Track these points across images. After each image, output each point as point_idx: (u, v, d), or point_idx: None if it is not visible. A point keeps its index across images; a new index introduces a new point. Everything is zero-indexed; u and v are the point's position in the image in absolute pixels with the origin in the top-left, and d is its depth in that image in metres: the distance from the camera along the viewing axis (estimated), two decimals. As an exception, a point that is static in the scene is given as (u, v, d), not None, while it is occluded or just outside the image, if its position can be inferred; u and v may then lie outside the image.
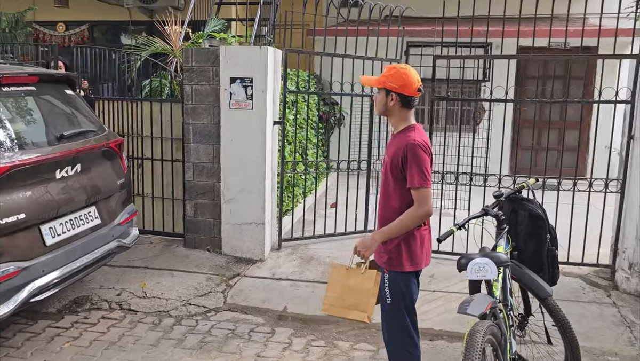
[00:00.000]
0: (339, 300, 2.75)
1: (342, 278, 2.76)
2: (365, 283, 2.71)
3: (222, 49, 5.02)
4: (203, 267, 5.14)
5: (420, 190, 2.64)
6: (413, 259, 2.76)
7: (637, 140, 4.71)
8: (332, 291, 2.79)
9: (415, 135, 2.70)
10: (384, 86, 2.76)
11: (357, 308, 2.72)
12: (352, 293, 2.71)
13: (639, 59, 4.68)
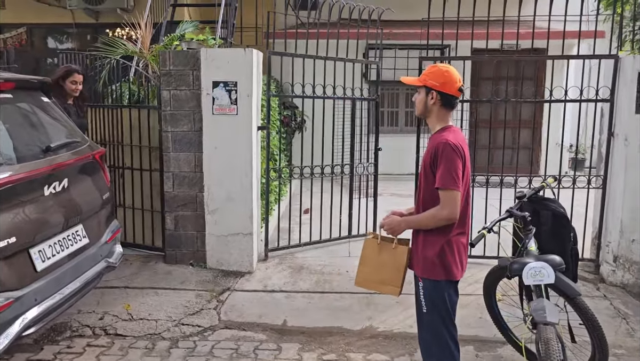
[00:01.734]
0: (372, 274, 2.81)
1: (375, 253, 2.80)
2: (397, 259, 2.74)
3: (204, 52, 4.75)
4: (189, 283, 4.84)
5: (445, 191, 2.55)
6: (447, 268, 2.67)
7: (617, 137, 4.87)
8: (365, 265, 2.83)
9: (449, 135, 2.62)
10: (424, 84, 2.68)
11: (390, 283, 2.76)
12: (385, 268, 2.75)
13: (616, 59, 4.84)
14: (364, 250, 2.86)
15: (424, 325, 2.76)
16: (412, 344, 3.94)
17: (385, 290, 2.81)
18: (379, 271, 2.77)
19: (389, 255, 2.75)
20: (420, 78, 2.73)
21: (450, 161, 2.54)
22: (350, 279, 5.04)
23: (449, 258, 2.64)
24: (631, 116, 4.68)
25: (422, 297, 2.69)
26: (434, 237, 2.65)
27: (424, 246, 2.69)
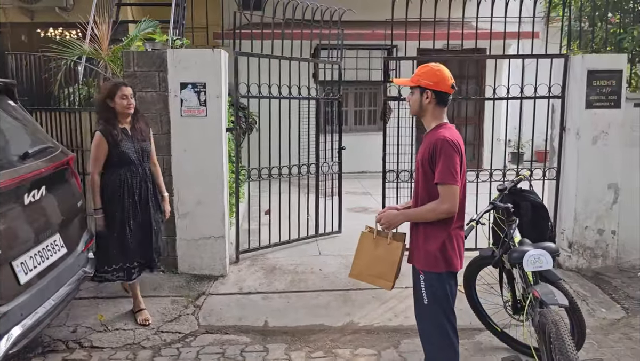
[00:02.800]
0: (367, 268, 2.89)
1: (370, 247, 2.87)
2: (392, 254, 2.83)
3: (170, 52, 4.64)
4: (162, 290, 4.72)
5: (445, 186, 2.65)
6: (448, 260, 2.77)
7: (568, 131, 5.20)
8: (360, 258, 2.91)
9: (445, 132, 2.72)
10: (418, 84, 2.75)
11: (384, 277, 2.84)
12: (379, 262, 2.83)
13: (566, 58, 5.17)
14: (359, 244, 2.93)
15: (425, 316, 2.84)
16: (394, 337, 4.05)
17: (378, 283, 2.88)
18: (373, 265, 2.85)
19: (383, 250, 2.83)
20: (412, 79, 2.80)
21: (448, 157, 2.63)
22: (324, 277, 5.10)
23: (449, 251, 2.74)
24: (582, 111, 5.01)
25: (424, 289, 2.77)
26: (436, 231, 2.73)
27: (425, 240, 2.76)
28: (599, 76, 4.94)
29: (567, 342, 2.29)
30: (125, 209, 3.86)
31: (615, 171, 5.09)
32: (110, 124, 3.79)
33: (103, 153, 3.75)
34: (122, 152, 3.79)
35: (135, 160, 3.87)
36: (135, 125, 3.94)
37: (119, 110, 3.83)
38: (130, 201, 3.86)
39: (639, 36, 5.19)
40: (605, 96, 4.97)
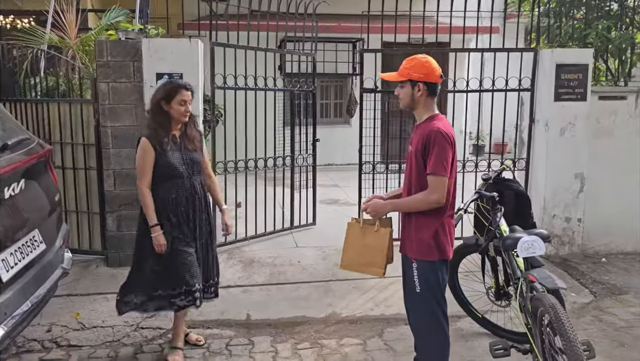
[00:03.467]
0: (357, 257, 2.91)
1: (358, 237, 2.89)
2: (380, 241, 2.86)
3: (145, 42, 4.51)
4: (139, 285, 4.60)
5: (435, 177, 2.68)
6: (441, 248, 2.82)
7: (537, 123, 5.38)
8: (349, 249, 2.92)
9: (439, 124, 2.75)
10: (409, 78, 2.75)
11: (374, 264, 2.87)
12: (368, 251, 2.86)
13: (535, 52, 5.33)
14: (347, 234, 2.95)
15: (417, 304, 2.88)
16: (378, 326, 4.09)
17: (369, 271, 2.92)
18: (363, 254, 2.87)
19: (371, 238, 2.86)
20: (402, 73, 2.78)
21: (441, 149, 2.66)
22: (303, 269, 5.10)
23: (442, 239, 2.79)
24: (550, 103, 5.19)
25: (416, 277, 2.81)
26: (428, 220, 2.77)
27: (418, 229, 2.80)
28: (567, 69, 5.12)
29: (567, 324, 2.38)
30: (169, 229, 3.30)
31: (581, 162, 5.30)
32: (162, 130, 3.24)
33: (150, 162, 3.20)
34: (169, 164, 3.23)
35: (183, 172, 3.29)
36: (186, 132, 3.36)
37: (173, 116, 3.26)
38: (175, 221, 3.29)
39: (602, 32, 5.40)
40: (573, 89, 5.16)
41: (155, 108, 3.26)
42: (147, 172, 3.22)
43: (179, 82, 3.34)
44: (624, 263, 5.43)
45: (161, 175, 3.25)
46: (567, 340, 2.33)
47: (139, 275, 3.42)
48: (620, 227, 5.56)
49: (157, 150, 3.22)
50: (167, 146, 3.23)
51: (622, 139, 5.45)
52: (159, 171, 3.24)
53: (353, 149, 10.57)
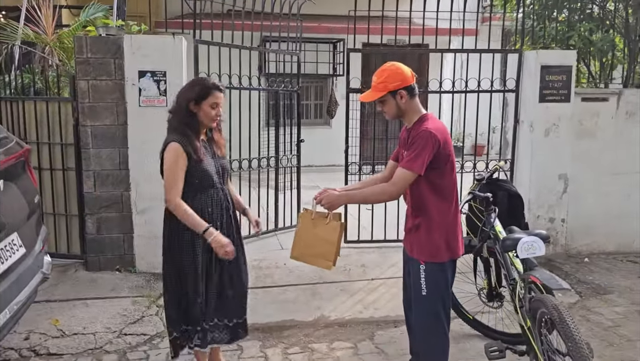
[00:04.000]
0: (307, 248, 2.84)
1: (309, 228, 2.83)
2: (331, 234, 2.79)
3: (128, 39, 4.37)
4: (121, 290, 4.45)
5: (404, 171, 2.62)
6: (452, 248, 2.76)
7: (522, 124, 5.40)
8: (300, 239, 2.87)
9: (429, 124, 2.68)
10: (387, 90, 2.68)
11: (323, 256, 2.81)
12: (319, 242, 2.80)
13: (520, 53, 5.36)
14: (298, 224, 2.90)
15: (422, 306, 2.80)
16: (368, 329, 4.04)
17: (318, 263, 2.86)
18: (313, 245, 2.82)
19: (322, 230, 2.80)
20: (378, 88, 2.70)
21: (421, 147, 2.58)
22: (290, 272, 5.02)
23: (452, 240, 2.74)
24: (535, 105, 5.21)
25: (423, 280, 2.73)
26: (440, 221, 2.71)
27: (430, 231, 2.72)
28: (551, 70, 5.15)
29: (571, 326, 2.36)
30: (198, 257, 2.87)
31: (565, 162, 5.34)
32: (191, 133, 2.81)
33: (183, 171, 2.75)
34: (204, 172, 2.81)
35: (217, 183, 2.89)
36: (213, 137, 2.98)
37: (202, 120, 2.84)
38: (207, 244, 2.83)
39: (584, 34, 5.46)
40: (557, 90, 5.19)
41: (183, 109, 2.82)
42: (180, 182, 2.76)
43: (213, 81, 2.88)
44: (606, 262, 5.50)
45: (194, 186, 2.81)
46: (572, 342, 2.31)
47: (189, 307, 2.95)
48: (601, 227, 5.62)
49: (192, 157, 2.77)
50: (201, 152, 2.81)
51: (604, 141, 5.51)
52: (191, 182, 2.80)
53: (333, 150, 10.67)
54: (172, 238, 2.91)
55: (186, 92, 2.86)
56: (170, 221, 2.90)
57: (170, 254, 2.94)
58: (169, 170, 2.78)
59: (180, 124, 2.82)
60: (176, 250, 2.89)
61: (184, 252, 2.87)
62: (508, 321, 3.86)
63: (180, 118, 2.83)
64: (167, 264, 2.96)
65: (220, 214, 2.91)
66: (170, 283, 2.96)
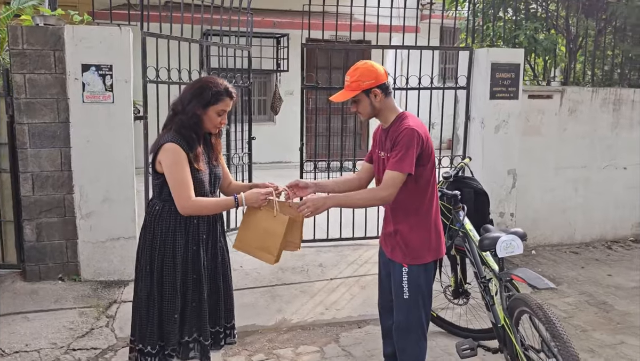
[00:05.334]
0: (252, 240, 2.71)
1: (256, 219, 2.69)
2: (277, 228, 2.65)
3: (69, 29, 4.03)
4: (65, 301, 4.13)
5: (393, 173, 2.54)
6: (435, 248, 2.71)
7: (473, 120, 5.50)
8: (245, 229, 2.73)
9: (410, 122, 2.63)
10: (361, 90, 2.59)
11: (267, 250, 2.70)
12: (263, 235, 2.68)
13: (471, 51, 5.43)
14: (245, 215, 2.73)
15: (404, 309, 2.73)
16: (332, 331, 3.96)
17: (261, 256, 2.72)
18: (258, 237, 2.69)
19: (269, 223, 2.66)
20: (351, 87, 2.61)
21: (409, 147, 2.52)
22: (246, 274, 4.85)
23: (435, 240, 2.69)
24: (486, 101, 5.31)
25: (406, 283, 2.66)
26: (422, 222, 2.66)
27: (413, 232, 2.66)
28: (501, 68, 5.26)
29: (558, 325, 2.37)
30: (188, 264, 2.64)
31: (514, 158, 5.48)
32: (195, 139, 2.55)
33: (188, 171, 2.52)
34: (199, 182, 2.57)
35: (208, 192, 2.65)
36: (211, 143, 2.73)
37: (205, 125, 2.60)
38: (195, 249, 2.64)
39: (530, 33, 5.62)
40: (506, 87, 5.31)
41: (189, 111, 2.54)
42: (189, 181, 2.51)
43: (226, 85, 2.60)
44: (551, 254, 5.71)
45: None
46: (560, 341, 2.32)
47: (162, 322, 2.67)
48: (547, 220, 5.84)
49: (190, 160, 2.53)
50: (201, 162, 2.58)
51: (549, 137, 5.71)
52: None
53: (278, 147, 10.53)
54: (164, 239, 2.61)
55: (195, 93, 2.56)
56: (159, 226, 2.61)
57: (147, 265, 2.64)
58: (175, 172, 2.50)
59: (184, 127, 2.54)
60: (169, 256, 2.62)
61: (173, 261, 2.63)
62: (467, 317, 3.90)
63: (184, 121, 2.54)
64: (148, 276, 2.65)
65: (207, 225, 2.69)
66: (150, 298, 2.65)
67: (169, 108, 2.71)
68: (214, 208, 2.63)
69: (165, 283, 2.63)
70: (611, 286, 4.87)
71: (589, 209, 6.06)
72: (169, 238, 2.60)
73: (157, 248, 2.61)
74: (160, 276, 2.63)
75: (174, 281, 2.63)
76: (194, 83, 2.67)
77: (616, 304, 4.49)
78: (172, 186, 2.51)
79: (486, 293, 3.04)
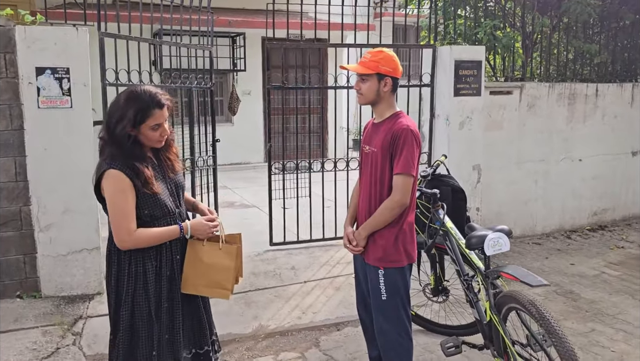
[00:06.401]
0: (200, 278, 2.44)
1: (200, 255, 2.43)
2: (225, 260, 2.46)
3: (21, 30, 3.77)
4: (26, 320, 3.88)
5: (403, 176, 2.57)
6: (409, 253, 2.72)
7: (438, 117, 5.54)
8: (191, 268, 2.44)
9: (407, 121, 2.65)
10: (377, 71, 2.59)
11: (219, 285, 2.46)
12: (213, 270, 2.43)
13: (434, 49, 5.47)
14: (188, 253, 2.44)
15: (383, 311, 2.73)
16: (311, 335, 3.90)
17: (214, 294, 2.48)
18: (206, 274, 2.43)
19: (216, 256, 2.45)
20: (369, 65, 2.61)
21: (411, 148, 2.56)
22: (217, 281, 4.70)
23: (409, 243, 2.68)
24: (450, 99, 5.36)
25: (383, 285, 2.66)
26: (399, 225, 2.65)
27: (382, 236, 2.66)
28: (464, 65, 5.33)
29: (552, 320, 2.39)
30: (156, 288, 2.37)
31: (478, 154, 5.56)
32: (138, 163, 2.26)
33: (133, 201, 2.24)
34: (156, 202, 2.30)
35: (172, 209, 2.38)
36: (165, 151, 2.43)
37: (146, 143, 2.31)
38: (169, 274, 2.39)
39: (490, 31, 5.72)
40: (469, 84, 5.38)
41: (119, 137, 2.22)
42: (131, 214, 2.24)
43: (151, 95, 2.26)
44: (516, 246, 5.83)
45: (142, 219, 2.29)
46: (556, 337, 2.34)
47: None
48: (510, 213, 5.97)
49: (138, 186, 2.24)
50: (154, 184, 2.28)
51: (510, 131, 5.84)
52: (139, 214, 2.28)
53: (237, 148, 10.35)
54: (134, 272, 2.33)
55: (118, 115, 2.23)
56: (125, 254, 2.32)
57: (121, 301, 2.36)
58: (116, 202, 2.22)
59: (120, 155, 2.23)
60: (140, 287, 2.35)
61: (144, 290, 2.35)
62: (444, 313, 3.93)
63: (116, 152, 2.24)
64: (124, 311, 2.36)
65: (180, 243, 2.41)
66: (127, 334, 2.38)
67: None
68: (155, 240, 2.30)
69: (137, 319, 2.34)
70: (575, 275, 5.03)
71: (548, 201, 6.24)
72: (138, 267, 2.32)
73: (125, 279, 2.32)
74: (131, 313, 2.34)
75: (149, 314, 2.35)
76: (115, 102, 2.31)
77: (582, 292, 4.63)
78: (111, 216, 2.24)
79: (469, 291, 3.06)
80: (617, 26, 6.78)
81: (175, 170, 2.45)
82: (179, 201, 2.45)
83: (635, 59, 7.03)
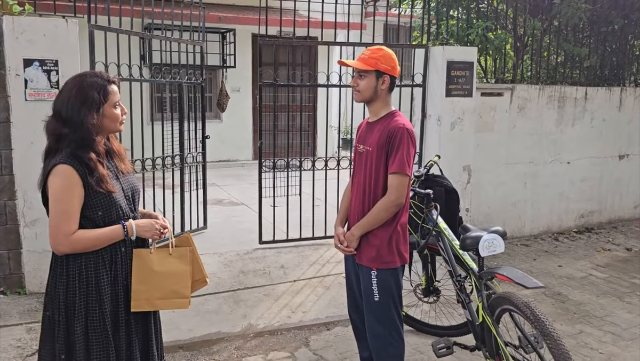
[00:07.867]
0: (154, 290, 2.20)
1: (150, 264, 2.21)
2: (180, 265, 2.25)
3: (8, 20, 3.69)
4: (9, 317, 3.80)
5: (399, 175, 2.56)
6: (402, 254, 2.70)
7: (429, 118, 5.54)
8: (140, 283, 2.19)
9: (402, 121, 2.64)
10: (376, 68, 2.58)
11: (177, 295, 2.24)
12: (167, 279, 2.22)
13: (426, 49, 5.47)
14: (135, 266, 2.20)
15: (375, 311, 2.71)
16: (301, 335, 3.87)
17: (173, 305, 2.27)
18: (160, 284, 2.21)
19: (167, 264, 2.24)
20: (368, 62, 2.60)
21: (407, 147, 2.55)
22: (206, 279, 4.65)
23: (402, 245, 2.67)
24: (442, 99, 5.36)
25: (375, 286, 2.65)
26: (392, 227, 2.64)
27: (376, 236, 2.64)
28: (456, 66, 5.33)
29: (547, 323, 2.39)
30: (112, 298, 2.15)
31: (468, 155, 5.57)
32: (92, 157, 2.05)
33: (80, 203, 2.03)
34: (110, 202, 2.10)
35: (127, 212, 2.18)
36: (112, 147, 2.23)
37: (108, 127, 2.14)
38: (126, 284, 2.18)
39: (482, 32, 5.73)
40: (461, 85, 5.39)
41: (84, 124, 2.02)
42: (74, 217, 2.01)
43: (101, 73, 2.13)
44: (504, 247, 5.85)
45: (95, 221, 2.08)
46: (551, 339, 2.34)
47: None
48: (499, 214, 5.99)
49: (90, 184, 2.03)
50: (105, 180, 2.07)
51: (500, 133, 5.86)
52: (91, 216, 2.07)
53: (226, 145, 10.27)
54: (86, 279, 2.09)
55: (81, 100, 2.03)
56: (75, 263, 2.08)
57: (74, 316, 2.09)
58: (59, 201, 1.99)
59: (81, 147, 2.03)
60: (93, 294, 2.10)
61: (98, 298, 2.10)
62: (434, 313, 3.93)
63: (79, 140, 2.02)
64: (78, 327, 2.09)
65: (129, 251, 2.19)
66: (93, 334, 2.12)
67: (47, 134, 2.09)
68: (95, 243, 2.06)
69: (90, 336, 2.09)
70: (563, 277, 5.06)
71: (536, 203, 6.28)
72: (89, 277, 2.08)
73: (76, 291, 2.07)
74: (85, 329, 2.09)
75: (104, 330, 2.11)
76: (68, 89, 2.08)
77: (570, 294, 4.66)
78: (52, 216, 2.01)
79: (462, 292, 3.05)
80: (607, 30, 6.84)
81: (126, 165, 2.25)
82: (134, 206, 2.25)
83: (624, 64, 7.11)
